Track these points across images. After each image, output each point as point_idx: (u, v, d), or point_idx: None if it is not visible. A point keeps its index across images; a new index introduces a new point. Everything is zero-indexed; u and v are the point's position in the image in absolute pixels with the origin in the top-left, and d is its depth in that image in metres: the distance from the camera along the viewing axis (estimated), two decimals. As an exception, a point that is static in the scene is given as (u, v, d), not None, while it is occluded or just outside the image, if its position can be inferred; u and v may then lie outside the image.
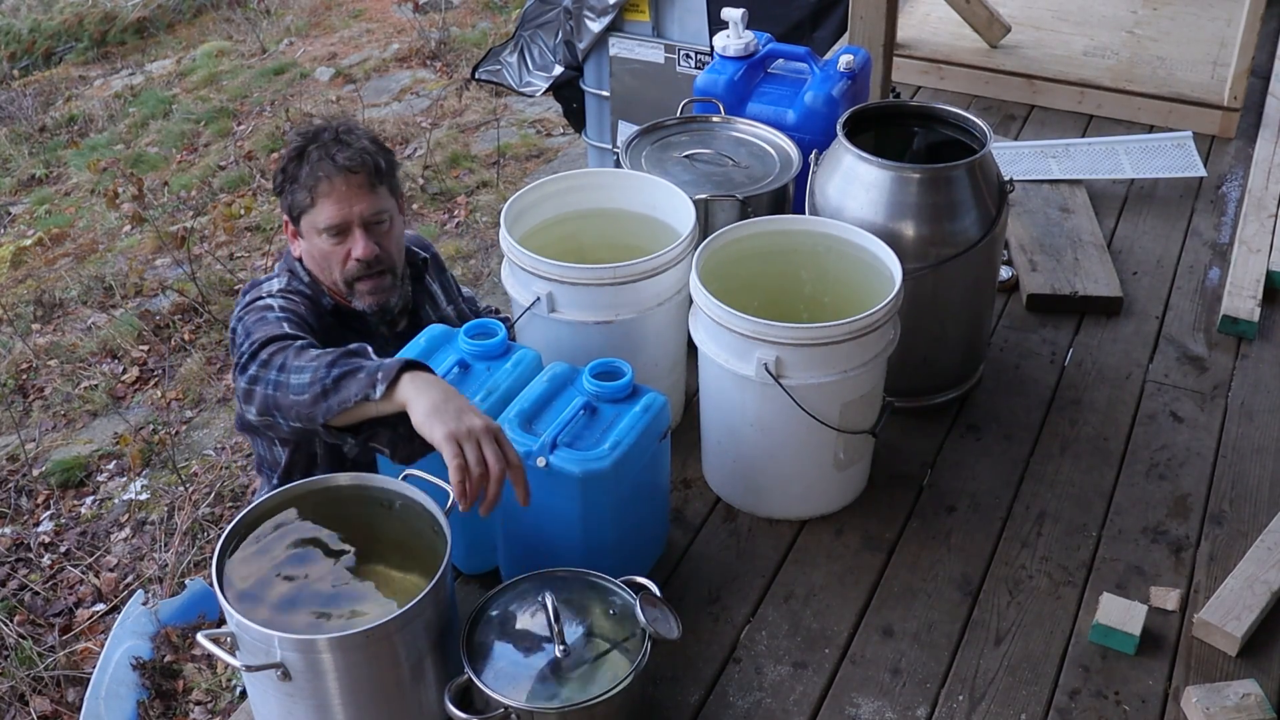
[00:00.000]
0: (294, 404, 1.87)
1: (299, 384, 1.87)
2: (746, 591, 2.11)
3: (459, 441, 1.69)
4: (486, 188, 6.06)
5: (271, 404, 1.91)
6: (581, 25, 4.78)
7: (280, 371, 1.91)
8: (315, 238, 2.22)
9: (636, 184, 2.42)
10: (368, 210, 2.20)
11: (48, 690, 3.38)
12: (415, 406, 1.75)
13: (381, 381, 1.78)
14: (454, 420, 1.72)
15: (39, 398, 4.80)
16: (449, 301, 2.55)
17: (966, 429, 2.48)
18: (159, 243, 5.67)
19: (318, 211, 2.19)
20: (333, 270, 2.23)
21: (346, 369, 1.83)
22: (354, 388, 1.80)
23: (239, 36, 8.51)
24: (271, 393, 1.90)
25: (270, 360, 1.94)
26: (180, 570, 3.71)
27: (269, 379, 1.91)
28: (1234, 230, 3.13)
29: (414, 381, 1.78)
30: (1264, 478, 2.35)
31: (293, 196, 2.21)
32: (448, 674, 1.73)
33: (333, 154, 2.17)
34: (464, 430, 1.71)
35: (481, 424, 1.73)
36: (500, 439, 1.75)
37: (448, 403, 1.75)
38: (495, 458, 1.71)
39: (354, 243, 2.20)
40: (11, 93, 7.96)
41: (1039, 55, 3.95)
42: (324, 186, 2.17)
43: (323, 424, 1.84)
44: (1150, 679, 1.94)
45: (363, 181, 2.18)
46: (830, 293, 2.34)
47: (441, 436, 1.70)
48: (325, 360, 1.87)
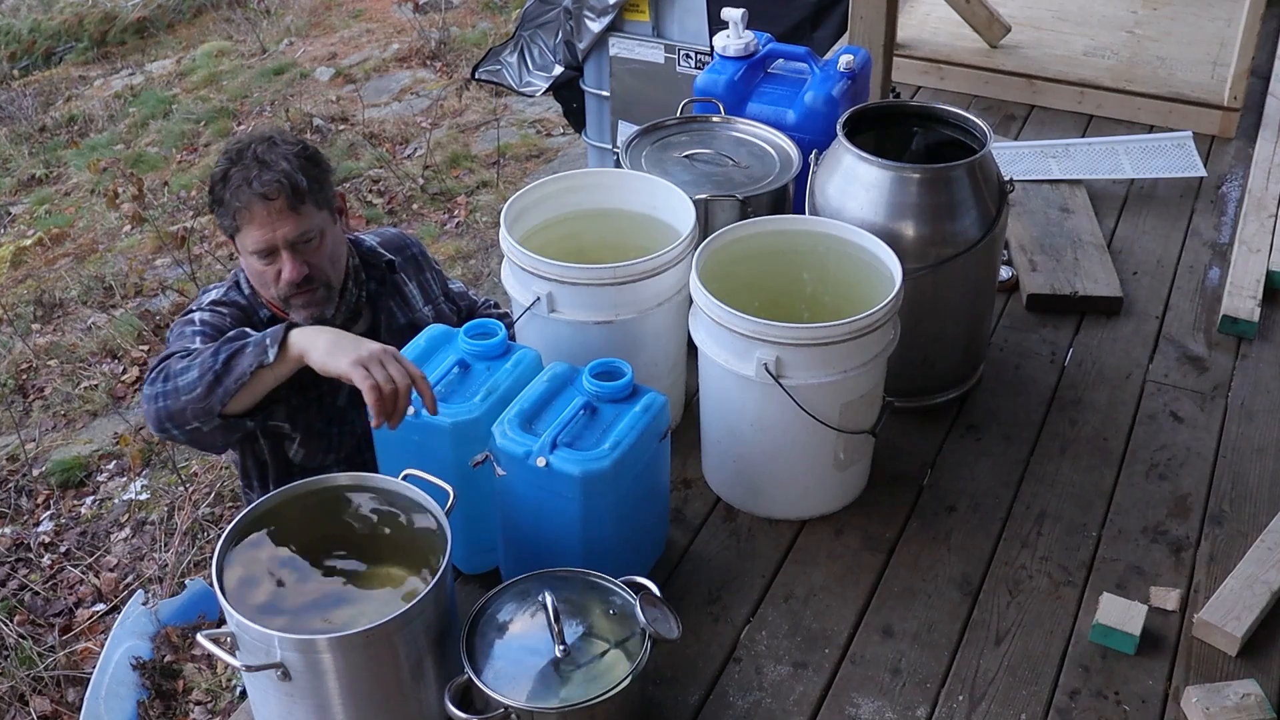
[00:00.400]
0: (187, 404, 1.97)
1: (188, 383, 1.97)
2: (746, 591, 2.11)
3: (365, 366, 1.84)
4: (486, 188, 6.06)
5: (164, 415, 2.01)
6: (581, 25, 4.78)
7: (165, 381, 2.00)
8: (248, 257, 2.23)
9: (636, 184, 2.42)
10: (292, 233, 2.18)
11: (48, 690, 3.38)
12: (313, 351, 1.89)
13: (272, 345, 1.91)
14: (353, 349, 1.87)
15: (39, 398, 4.80)
16: (427, 302, 2.52)
17: (966, 429, 2.48)
18: (159, 243, 5.67)
19: (244, 236, 2.19)
20: (268, 288, 2.25)
21: (233, 350, 1.96)
22: (246, 361, 1.93)
23: (239, 36, 8.51)
24: (162, 405, 2.00)
25: (157, 376, 2.03)
26: (180, 570, 3.71)
27: (155, 393, 2.01)
28: (1234, 230, 3.13)
29: (303, 333, 1.93)
30: (1264, 478, 2.35)
31: (222, 220, 2.23)
32: (448, 674, 1.73)
33: (251, 179, 2.15)
34: (366, 355, 1.85)
35: (379, 347, 1.87)
36: (399, 357, 1.88)
37: (341, 339, 1.90)
38: (400, 374, 1.85)
39: (282, 264, 2.20)
40: (11, 93, 7.96)
41: (1039, 55, 3.95)
42: (245, 214, 2.16)
43: (220, 413, 1.95)
44: (1150, 679, 1.94)
45: (282, 206, 2.16)
46: (830, 293, 2.34)
47: (348, 364, 1.84)
48: (208, 352, 1.98)
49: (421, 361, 2.03)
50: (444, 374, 1.98)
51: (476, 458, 1.89)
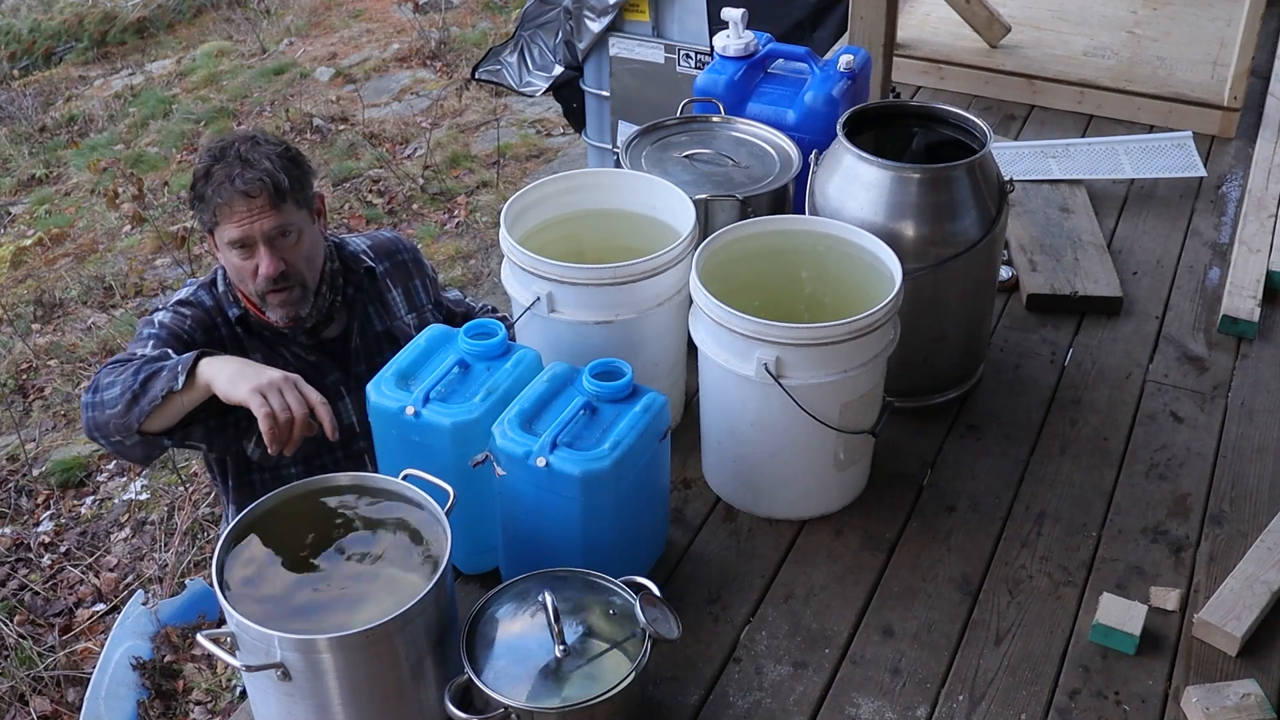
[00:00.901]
0: (110, 418, 2.03)
1: (112, 398, 2.03)
2: (746, 591, 2.11)
3: (263, 393, 1.89)
4: (486, 188, 6.06)
5: (92, 425, 2.08)
6: (581, 25, 4.78)
7: (95, 393, 2.08)
8: (226, 252, 2.26)
9: (636, 184, 2.42)
10: (269, 227, 2.20)
11: (48, 690, 3.38)
12: (217, 379, 1.94)
13: (181, 372, 1.96)
14: (254, 376, 1.92)
15: (39, 398, 4.80)
16: (411, 310, 2.52)
17: (966, 429, 2.48)
18: (159, 243, 5.67)
19: (222, 230, 2.23)
20: (246, 283, 2.28)
21: (151, 372, 2.02)
22: (159, 385, 1.99)
23: (239, 36, 8.51)
24: (91, 414, 2.08)
25: (92, 385, 2.10)
26: (180, 570, 3.71)
27: (87, 402, 2.08)
28: (1234, 230, 3.13)
29: (210, 362, 2.00)
30: (1264, 478, 2.35)
31: (201, 215, 2.26)
32: (448, 674, 1.73)
33: (234, 175, 2.18)
34: (265, 383, 1.90)
35: (280, 375, 1.92)
36: (300, 385, 1.93)
37: (245, 368, 1.96)
38: (297, 402, 1.91)
39: (259, 259, 2.23)
40: (11, 93, 7.96)
41: (1039, 55, 3.95)
42: (225, 210, 2.20)
43: (139, 429, 2.01)
44: (1150, 679, 1.94)
45: (263, 203, 2.19)
46: (830, 293, 2.34)
47: (246, 391, 1.90)
48: (131, 369, 2.04)
49: (421, 362, 2.03)
50: (444, 374, 1.98)
51: (476, 458, 1.89)
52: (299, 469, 2.38)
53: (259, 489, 2.38)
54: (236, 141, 2.24)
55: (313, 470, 2.38)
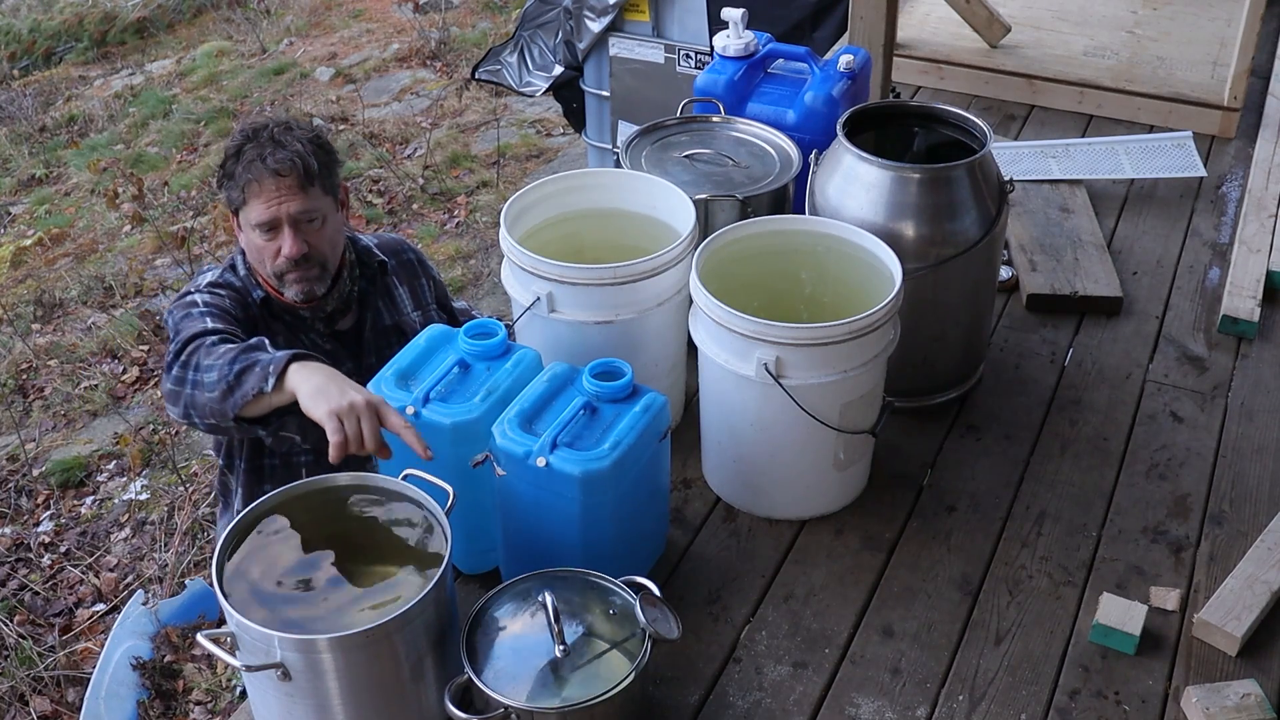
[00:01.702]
0: (207, 401, 2.02)
1: (210, 381, 2.01)
2: (746, 591, 2.11)
3: (340, 418, 1.82)
4: (486, 188, 6.06)
5: (189, 404, 2.06)
6: (581, 25, 4.78)
7: (195, 371, 2.06)
8: (250, 232, 2.30)
9: (636, 184, 2.42)
10: (296, 209, 2.25)
11: (48, 690, 3.38)
12: (301, 390, 1.89)
13: (273, 374, 1.92)
14: (337, 398, 1.84)
15: (39, 398, 4.80)
16: (417, 308, 2.56)
17: (966, 429, 2.48)
18: (159, 243, 5.67)
19: (250, 209, 2.26)
20: (265, 263, 2.31)
21: (245, 364, 1.98)
22: (251, 382, 1.95)
23: (239, 36, 8.51)
24: (190, 392, 2.06)
25: (189, 361, 2.07)
26: (180, 570, 3.71)
27: (189, 379, 2.07)
28: (1234, 230, 3.13)
29: (300, 370, 1.93)
30: (1264, 478, 2.35)
31: (229, 192, 2.29)
32: (448, 674, 1.73)
33: (265, 155, 2.23)
34: (345, 406, 1.82)
35: (363, 399, 1.84)
36: (381, 411, 1.84)
37: (330, 383, 1.88)
38: (371, 434, 1.82)
39: (283, 240, 2.26)
40: (11, 93, 7.96)
41: (1039, 55, 3.95)
42: (254, 187, 2.23)
43: (234, 418, 1.99)
44: (1150, 679, 1.94)
45: (292, 183, 2.23)
46: (830, 293, 2.34)
47: (323, 413, 1.83)
48: (228, 357, 2.01)
49: (421, 362, 2.03)
50: (444, 374, 1.98)
51: (476, 458, 1.89)
52: (310, 456, 2.42)
53: (268, 474, 2.43)
54: (270, 125, 2.29)
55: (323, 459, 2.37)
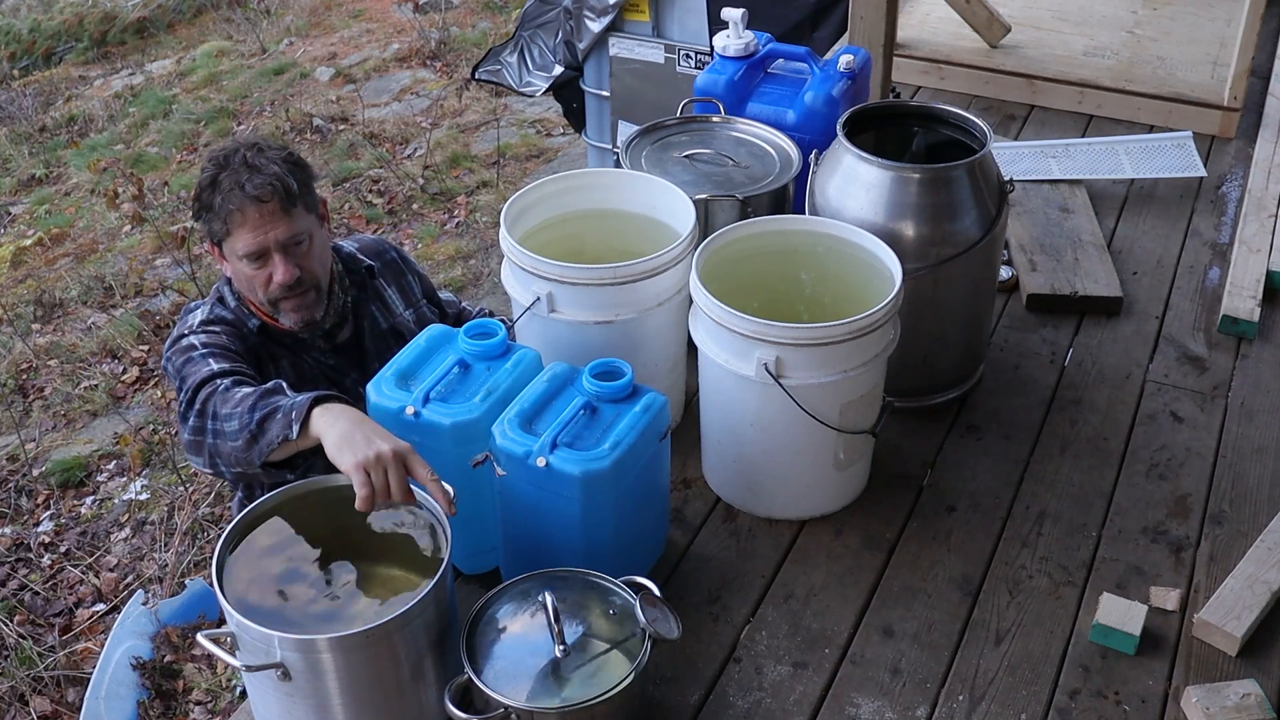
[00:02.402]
0: (231, 450, 1.96)
1: (231, 430, 1.96)
2: (746, 591, 2.11)
3: (367, 470, 1.74)
4: (486, 188, 6.06)
5: (214, 453, 2.02)
6: (581, 25, 4.78)
7: (214, 420, 2.00)
8: (237, 263, 2.23)
9: (636, 184, 2.42)
10: (283, 234, 2.19)
11: (48, 690, 3.38)
12: (327, 439, 1.82)
13: (296, 420, 1.86)
14: (363, 448, 1.77)
15: (39, 398, 4.80)
16: (408, 306, 2.53)
17: (966, 429, 2.48)
18: (159, 243, 5.67)
19: (235, 240, 2.20)
20: (257, 292, 2.25)
21: (266, 410, 1.92)
22: (275, 430, 1.89)
23: (239, 36, 8.51)
24: (212, 442, 2.00)
25: (205, 409, 2.02)
26: (180, 570, 3.71)
27: (209, 429, 2.01)
28: (1234, 230, 3.13)
29: (324, 415, 1.85)
30: (1264, 478, 2.35)
31: (210, 225, 2.23)
32: (448, 674, 1.73)
33: (243, 182, 2.16)
34: (372, 458, 1.75)
35: (389, 449, 1.76)
36: (409, 461, 1.78)
37: (355, 431, 1.80)
38: (398, 485, 1.76)
39: (274, 267, 2.21)
40: (11, 93, 7.96)
41: (1039, 55, 3.95)
42: (237, 217, 2.17)
43: (260, 466, 1.94)
44: (1150, 679, 1.94)
45: (275, 208, 2.18)
46: (830, 293, 2.34)
47: (350, 466, 1.76)
48: (247, 405, 1.95)
49: (421, 361, 2.03)
50: (444, 374, 1.98)
51: (476, 458, 1.89)
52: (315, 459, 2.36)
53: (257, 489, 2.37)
54: (240, 149, 2.22)
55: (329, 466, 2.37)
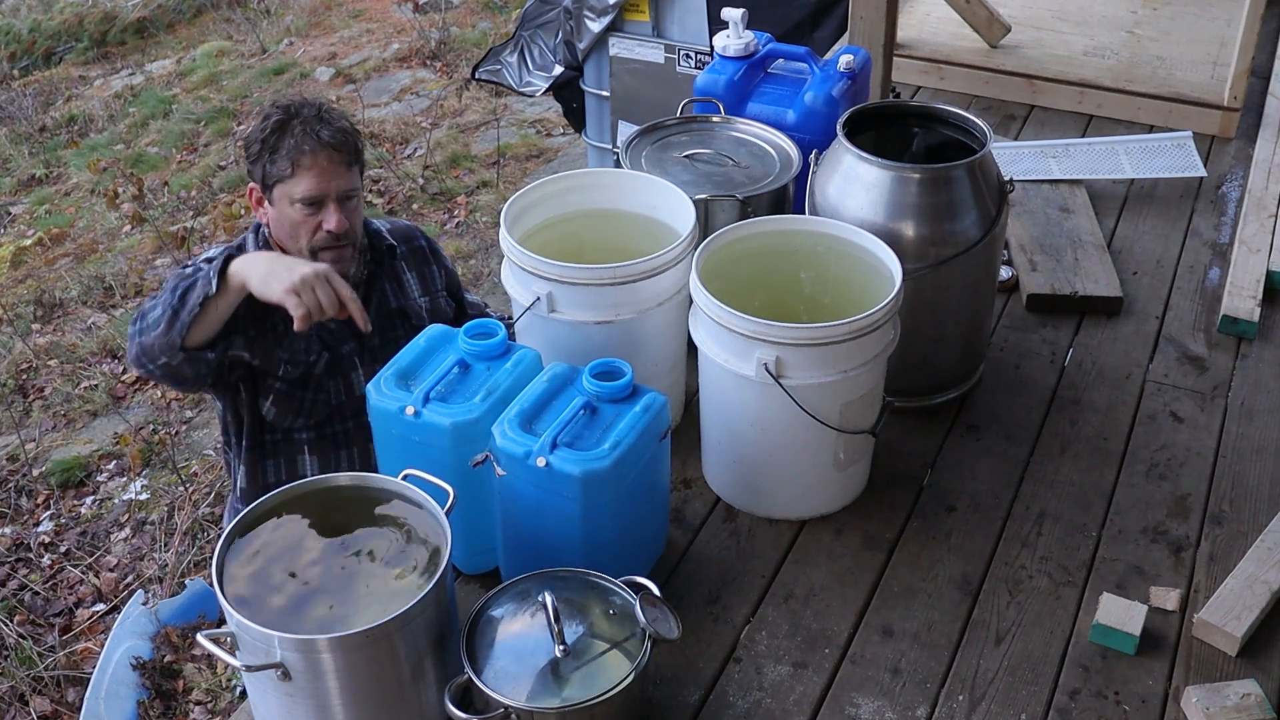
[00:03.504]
0: (155, 340, 2.12)
1: (154, 319, 2.11)
2: (746, 591, 2.11)
3: (298, 293, 1.98)
4: (486, 188, 6.06)
5: (141, 352, 2.16)
6: (581, 25, 4.78)
7: (140, 320, 2.15)
8: (288, 206, 2.31)
9: (636, 184, 2.42)
10: (344, 186, 2.31)
11: (48, 690, 3.38)
12: (251, 278, 2.01)
13: (214, 275, 2.02)
14: (287, 276, 1.99)
15: (39, 398, 4.80)
16: (424, 294, 2.59)
17: (966, 429, 2.48)
18: (159, 243, 5.67)
19: (296, 182, 2.28)
20: (300, 238, 2.33)
21: (187, 284, 2.10)
22: (195, 294, 2.07)
23: (239, 36, 8.51)
24: (139, 341, 2.15)
25: (135, 319, 2.20)
26: (180, 570, 3.71)
27: (132, 333, 2.16)
28: (1234, 230, 3.13)
29: (241, 261, 2.07)
30: (1264, 478, 2.35)
31: (271, 165, 2.30)
32: (448, 674, 1.73)
33: (317, 130, 2.27)
34: (299, 281, 1.98)
35: (311, 270, 2.00)
36: (330, 278, 2.03)
37: (276, 263, 2.03)
38: (328, 298, 2.01)
39: (327, 215, 2.30)
40: (11, 93, 7.96)
41: (1039, 55, 3.95)
42: (306, 160, 2.26)
43: (181, 345, 2.08)
44: (1150, 679, 1.94)
45: (343, 159, 2.30)
46: (830, 293, 2.34)
47: (280, 292, 1.98)
48: (168, 288, 2.13)
49: (421, 361, 2.03)
50: (444, 374, 1.98)
51: (476, 458, 1.89)
52: (311, 434, 2.44)
53: (269, 449, 2.46)
54: (306, 103, 2.34)
55: (324, 436, 2.45)
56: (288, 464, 2.47)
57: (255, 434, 2.44)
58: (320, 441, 2.45)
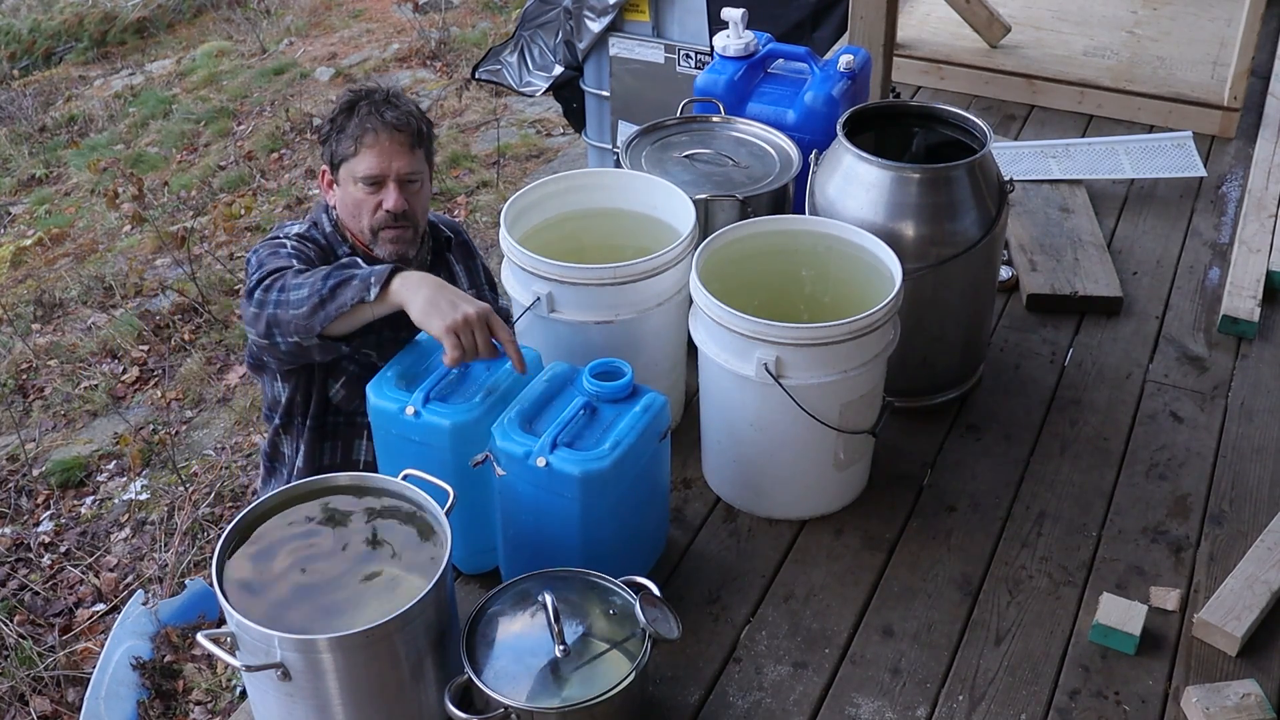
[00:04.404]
0: (293, 318, 2.09)
1: (298, 299, 2.08)
2: (746, 591, 2.11)
3: (457, 333, 1.94)
4: (486, 188, 6.06)
5: (272, 322, 2.13)
6: (581, 25, 4.78)
7: (281, 292, 2.12)
8: (351, 185, 2.35)
9: (636, 184, 2.42)
10: (404, 168, 2.34)
11: (48, 690, 3.38)
12: (412, 303, 1.98)
13: (375, 284, 2.00)
14: (450, 312, 1.95)
15: (39, 398, 4.80)
16: (472, 285, 2.63)
17: (966, 429, 2.48)
18: (159, 243, 5.67)
19: (358, 160, 2.33)
20: (361, 218, 2.37)
21: (341, 278, 2.06)
22: (350, 293, 2.03)
23: (239, 36, 8.51)
24: (273, 311, 2.12)
25: (272, 285, 2.15)
26: (180, 570, 3.71)
27: (271, 300, 2.13)
28: (1234, 230, 3.13)
29: (405, 280, 2.01)
30: (1264, 478, 2.35)
31: (337, 145, 2.36)
32: (448, 674, 1.73)
33: (382, 111, 2.33)
34: (460, 321, 1.94)
35: (474, 311, 1.96)
36: (491, 321, 1.98)
37: (440, 295, 1.98)
38: (485, 343, 1.97)
39: (386, 195, 2.34)
40: (11, 93, 7.96)
41: (1039, 55, 3.95)
42: (369, 139, 2.31)
43: (319, 333, 2.06)
44: (1150, 679, 1.94)
45: (405, 140, 2.33)
46: (830, 293, 2.34)
47: (441, 330, 1.94)
48: (320, 274, 2.09)
49: (421, 362, 2.03)
50: (444, 374, 1.98)
51: (476, 458, 1.90)
52: None
53: (329, 431, 2.47)
54: (378, 89, 2.39)
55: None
56: (344, 447, 2.48)
57: (320, 415, 2.45)
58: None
